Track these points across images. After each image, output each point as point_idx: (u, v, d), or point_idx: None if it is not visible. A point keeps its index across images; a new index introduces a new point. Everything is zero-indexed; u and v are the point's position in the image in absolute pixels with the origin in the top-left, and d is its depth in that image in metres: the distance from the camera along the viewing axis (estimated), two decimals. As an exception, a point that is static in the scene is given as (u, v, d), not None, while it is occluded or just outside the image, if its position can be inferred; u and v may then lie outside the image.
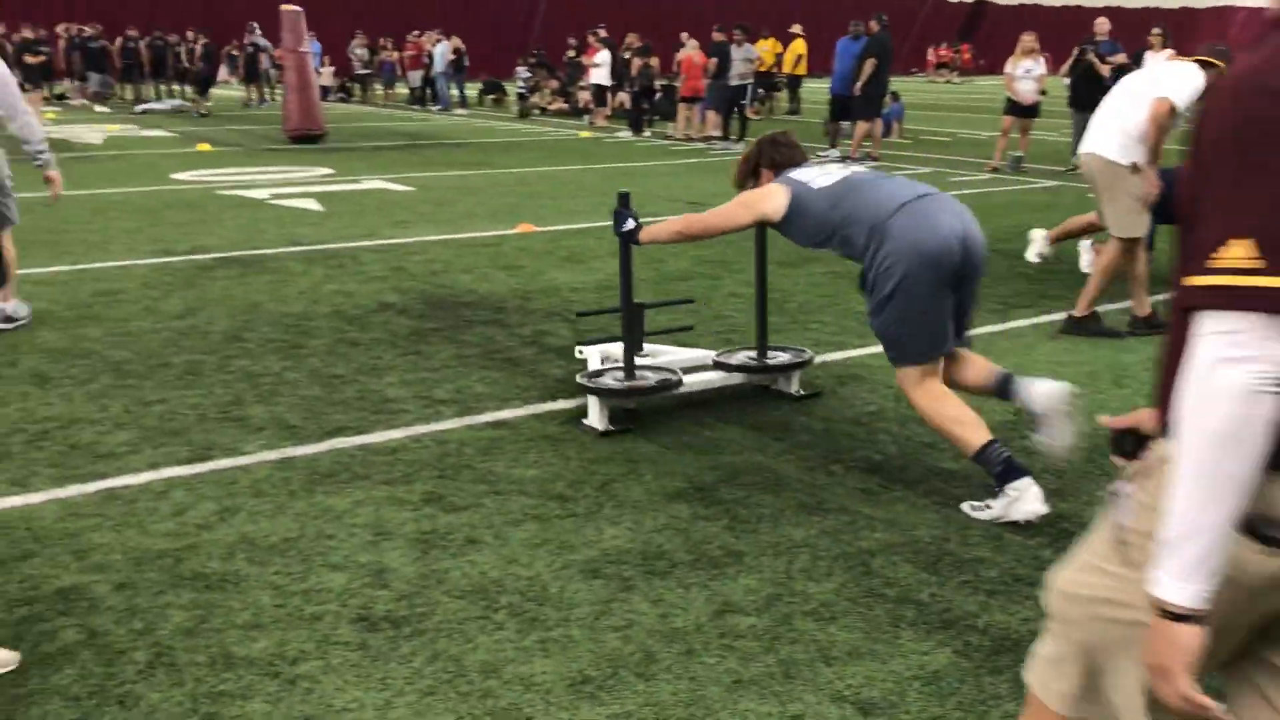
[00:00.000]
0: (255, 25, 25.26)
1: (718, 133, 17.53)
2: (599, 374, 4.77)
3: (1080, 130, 9.63)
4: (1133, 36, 15.21)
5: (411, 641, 2.96)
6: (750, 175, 4.46)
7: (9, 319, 6.01)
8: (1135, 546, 1.56)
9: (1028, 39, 13.81)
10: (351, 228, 9.45)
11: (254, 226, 9.47)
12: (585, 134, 19.37)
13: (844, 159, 14.68)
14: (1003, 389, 3.94)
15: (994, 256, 8.41)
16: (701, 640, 2.97)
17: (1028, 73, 13.63)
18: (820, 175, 4.15)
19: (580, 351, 5.18)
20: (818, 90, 17.52)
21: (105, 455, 4.27)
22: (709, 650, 2.93)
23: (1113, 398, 5.06)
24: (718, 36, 17.25)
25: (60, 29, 25.18)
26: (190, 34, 26.40)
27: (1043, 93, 13.71)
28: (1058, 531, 3.66)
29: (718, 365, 5.00)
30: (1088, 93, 12.07)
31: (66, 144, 16.08)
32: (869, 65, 14.29)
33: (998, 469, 3.74)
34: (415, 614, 3.10)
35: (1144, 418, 1.68)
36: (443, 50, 24.85)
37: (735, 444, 4.45)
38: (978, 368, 4.05)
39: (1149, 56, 13.48)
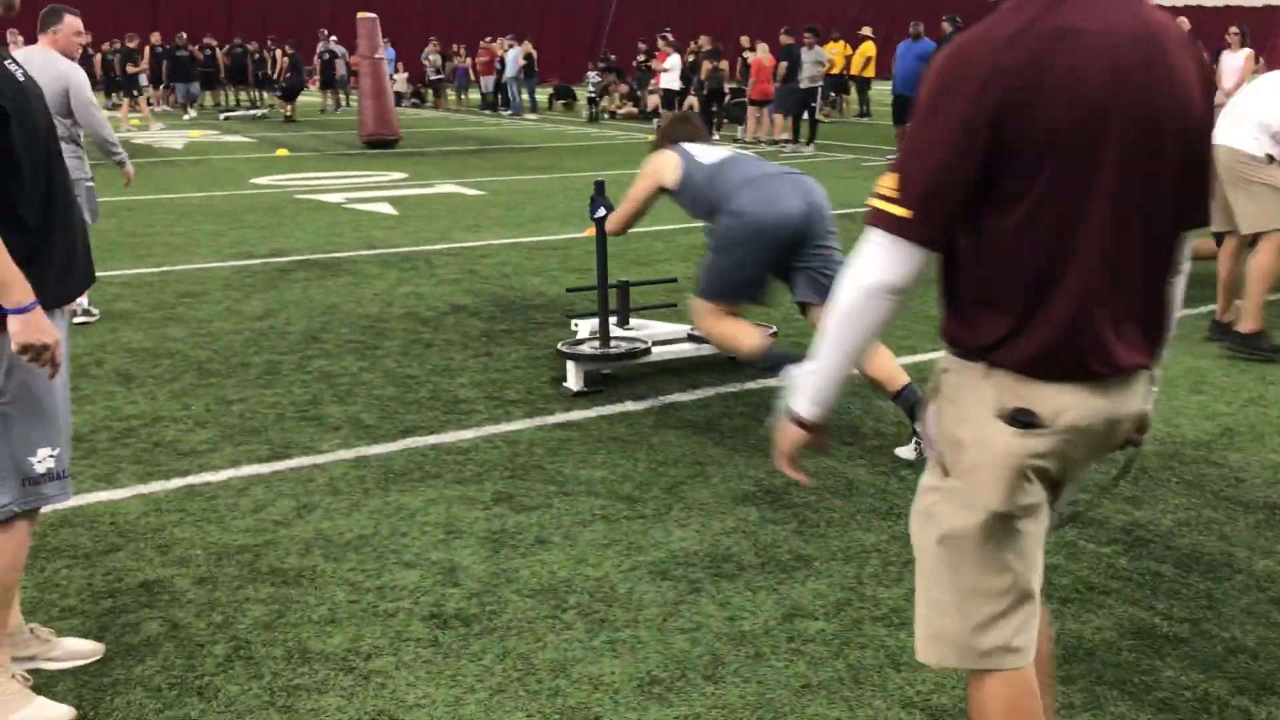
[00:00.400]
0: (325, 31, 25.73)
1: (787, 136, 17.45)
2: (578, 342, 5.28)
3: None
4: (1212, 35, 14.86)
5: (482, 639, 3.00)
6: (661, 145, 4.95)
7: (87, 311, 6.40)
8: (945, 455, 1.85)
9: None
10: (425, 231, 9.59)
11: (331, 230, 9.65)
12: (654, 137, 19.39)
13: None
14: (905, 397, 4.16)
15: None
16: (770, 644, 2.97)
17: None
18: (708, 153, 4.59)
19: (574, 324, 5.69)
20: (887, 92, 17.36)
21: (187, 453, 4.39)
22: (777, 654, 2.92)
23: (1189, 404, 4.95)
24: (786, 39, 17.17)
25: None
26: (270, 42, 26.98)
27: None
28: (1132, 540, 3.59)
29: (690, 338, 5.48)
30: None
31: (149, 149, 16.51)
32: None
33: (772, 364, 4.26)
34: (485, 612, 3.14)
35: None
36: (514, 56, 25.08)
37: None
38: (885, 359, 4.19)
39: (1226, 56, 13.18)
